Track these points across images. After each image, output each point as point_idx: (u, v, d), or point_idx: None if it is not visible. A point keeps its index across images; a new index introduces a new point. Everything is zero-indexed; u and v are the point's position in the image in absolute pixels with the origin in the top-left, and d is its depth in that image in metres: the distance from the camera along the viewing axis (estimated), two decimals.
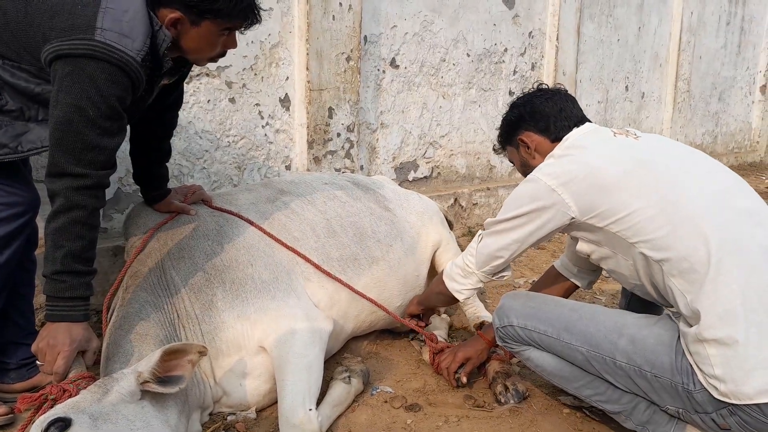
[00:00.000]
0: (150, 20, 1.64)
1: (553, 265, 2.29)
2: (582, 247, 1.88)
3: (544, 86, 2.09)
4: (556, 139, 1.93)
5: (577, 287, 2.24)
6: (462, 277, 2.03)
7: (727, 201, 1.68)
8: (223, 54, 1.85)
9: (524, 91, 2.14)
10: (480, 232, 2.00)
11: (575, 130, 1.91)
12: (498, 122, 2.16)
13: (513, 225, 1.85)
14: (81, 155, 1.58)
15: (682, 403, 1.68)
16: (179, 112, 2.23)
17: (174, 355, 1.59)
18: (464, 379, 2.20)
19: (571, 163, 1.78)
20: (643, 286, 1.80)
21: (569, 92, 2.08)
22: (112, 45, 1.56)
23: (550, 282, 2.26)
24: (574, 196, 1.74)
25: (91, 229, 1.63)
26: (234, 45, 1.84)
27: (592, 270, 2.20)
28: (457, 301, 2.14)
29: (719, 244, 1.59)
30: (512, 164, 2.19)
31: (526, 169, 2.03)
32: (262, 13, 1.82)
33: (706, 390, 1.60)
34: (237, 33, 1.82)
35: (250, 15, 1.77)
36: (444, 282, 2.10)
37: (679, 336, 1.68)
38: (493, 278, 2.02)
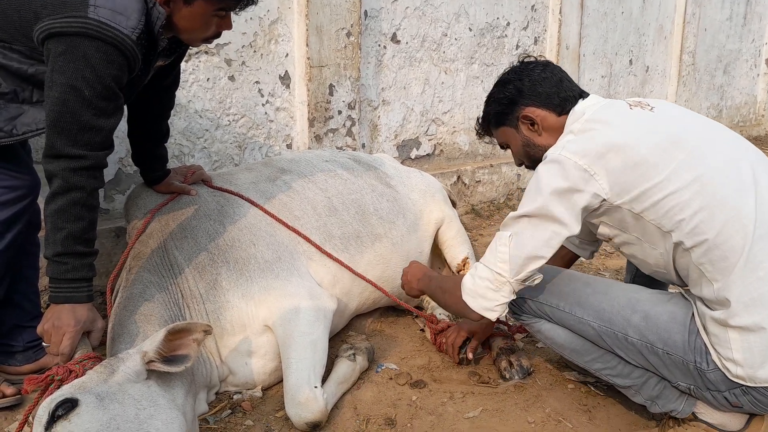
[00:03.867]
0: None
1: None
2: (604, 230, 1.74)
3: (530, 59, 1.90)
4: (563, 112, 1.78)
5: (578, 257, 2.22)
6: (493, 290, 1.68)
7: (756, 180, 1.60)
8: (217, 35, 1.81)
9: (511, 65, 1.92)
10: (502, 233, 1.69)
11: (582, 102, 1.77)
12: None
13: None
14: (77, 136, 1.56)
15: (694, 381, 1.67)
16: (178, 92, 2.20)
17: (179, 334, 1.59)
18: (470, 355, 2.19)
19: (598, 138, 1.62)
20: (665, 272, 1.73)
21: (573, 66, 2.01)
22: (106, 22, 1.53)
23: None
24: (607, 176, 1.59)
25: (91, 209, 1.63)
26: (229, 26, 1.79)
27: (593, 240, 2.16)
28: (482, 318, 1.75)
29: (752, 230, 1.53)
30: (503, 148, 1.96)
31: (530, 149, 1.85)
32: None
33: (720, 370, 1.59)
34: (232, 13, 1.78)
35: None
36: (464, 301, 1.73)
37: (693, 315, 1.66)
38: (523, 286, 1.72)
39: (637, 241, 1.70)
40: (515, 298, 1.75)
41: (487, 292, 1.69)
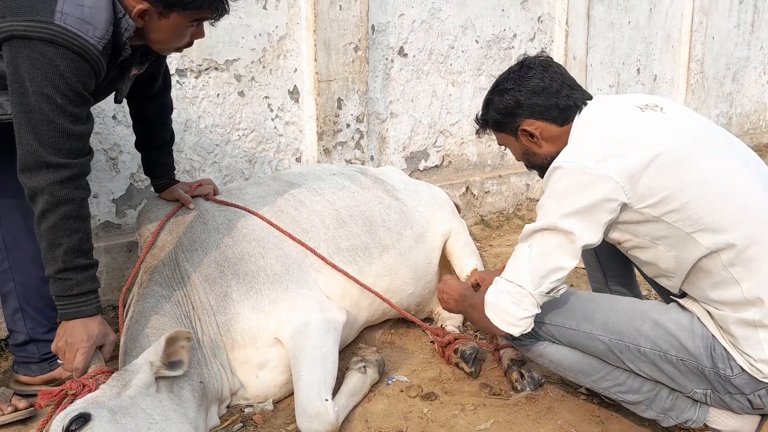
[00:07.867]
0: (113, 7, 1.59)
1: None
2: (615, 236, 1.68)
3: (528, 60, 1.82)
4: (565, 122, 1.75)
5: None
6: (515, 304, 1.62)
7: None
8: (190, 44, 1.81)
9: (510, 68, 1.86)
10: (522, 245, 1.65)
11: (588, 108, 1.72)
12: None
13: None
14: (57, 144, 1.54)
15: (711, 386, 1.65)
16: (188, 108, 2.24)
17: (171, 341, 1.64)
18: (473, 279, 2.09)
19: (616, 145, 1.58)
20: (672, 276, 1.68)
21: (580, 76, 2.01)
22: (72, 31, 1.50)
23: None
24: (630, 181, 1.54)
25: (84, 220, 1.61)
26: (202, 35, 1.80)
27: None
28: (507, 334, 1.70)
29: None
30: (502, 146, 1.95)
31: (530, 157, 1.84)
32: (230, 3, 1.76)
33: (746, 373, 1.57)
34: (206, 23, 1.78)
35: (219, 6, 1.72)
36: (488, 317, 1.68)
37: (697, 320, 1.65)
38: (548, 299, 1.67)
39: (651, 245, 1.64)
40: (539, 312, 1.71)
41: (509, 307, 1.63)
